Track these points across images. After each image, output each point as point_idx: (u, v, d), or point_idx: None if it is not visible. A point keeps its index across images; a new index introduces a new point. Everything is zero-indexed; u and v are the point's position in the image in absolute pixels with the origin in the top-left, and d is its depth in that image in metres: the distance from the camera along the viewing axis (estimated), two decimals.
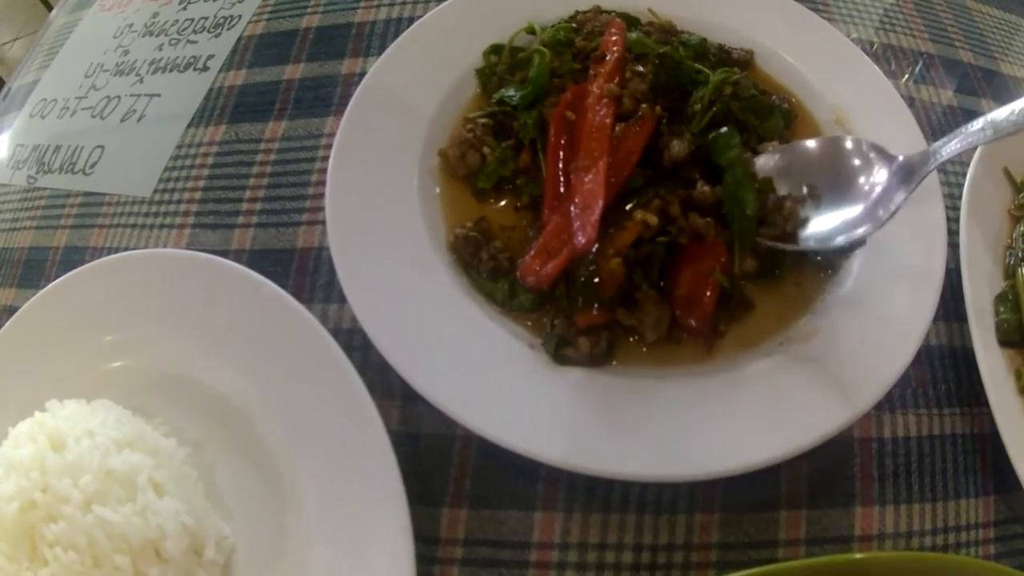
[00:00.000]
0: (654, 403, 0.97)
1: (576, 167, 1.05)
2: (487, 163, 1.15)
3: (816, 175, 1.11)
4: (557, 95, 1.14)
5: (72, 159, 1.40)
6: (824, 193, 1.09)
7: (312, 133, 1.30)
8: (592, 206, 1.00)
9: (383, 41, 1.40)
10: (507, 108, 1.19)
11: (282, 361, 1.00)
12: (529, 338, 1.03)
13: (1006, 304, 1.14)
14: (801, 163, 1.12)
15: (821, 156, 1.12)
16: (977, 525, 1.05)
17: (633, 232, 1.01)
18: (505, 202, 1.16)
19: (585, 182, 1.03)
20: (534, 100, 1.17)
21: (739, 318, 1.07)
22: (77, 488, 0.84)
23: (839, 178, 1.10)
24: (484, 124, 1.17)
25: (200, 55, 1.47)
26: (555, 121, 1.10)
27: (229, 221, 1.24)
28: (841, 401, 0.96)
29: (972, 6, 1.65)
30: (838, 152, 1.11)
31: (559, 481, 1.00)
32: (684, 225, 1.04)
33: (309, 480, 0.95)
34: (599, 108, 1.09)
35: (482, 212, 1.14)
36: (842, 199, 1.08)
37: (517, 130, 1.17)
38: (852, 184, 1.09)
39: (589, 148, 1.06)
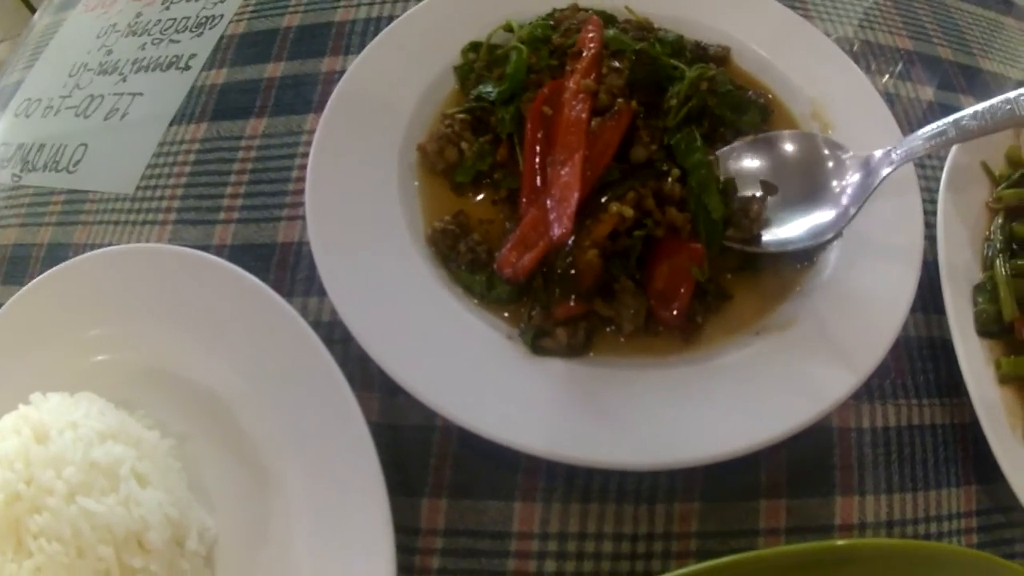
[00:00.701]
0: (632, 393, 0.99)
1: (553, 161, 1.07)
2: (465, 158, 1.16)
3: (776, 172, 1.14)
4: (534, 91, 1.15)
5: (56, 157, 1.41)
6: (784, 191, 1.12)
7: (292, 130, 1.32)
8: (568, 198, 1.01)
9: (363, 40, 1.40)
10: (485, 104, 1.20)
11: (263, 354, 1.01)
12: (507, 329, 1.04)
13: (984, 295, 1.15)
14: (762, 158, 1.15)
15: (782, 152, 1.15)
16: (959, 515, 1.06)
17: (609, 224, 1.02)
18: (483, 196, 1.17)
19: (561, 175, 1.04)
20: (511, 96, 1.18)
21: (716, 309, 1.08)
22: (61, 479, 0.84)
23: (801, 176, 1.13)
24: (462, 119, 1.18)
25: (182, 54, 1.48)
26: (532, 116, 1.11)
27: (210, 217, 1.25)
28: (819, 391, 0.97)
29: (951, 3, 1.66)
30: (799, 148, 1.15)
31: (538, 471, 1.01)
32: (660, 219, 1.05)
33: (291, 472, 0.96)
34: (576, 103, 1.10)
35: (460, 206, 1.15)
36: (803, 198, 1.12)
37: (495, 125, 1.18)
38: (813, 182, 1.12)
39: (566, 142, 1.07)
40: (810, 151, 1.14)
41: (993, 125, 0.92)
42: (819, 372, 0.99)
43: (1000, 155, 1.31)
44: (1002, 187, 1.26)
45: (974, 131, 0.94)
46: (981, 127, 0.93)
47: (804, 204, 1.11)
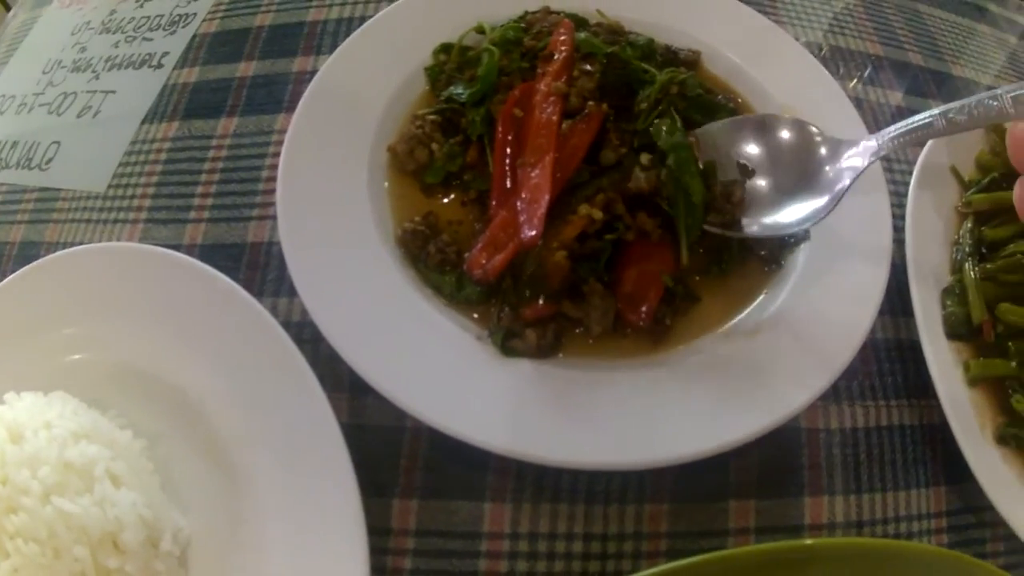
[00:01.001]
0: (601, 393, 0.99)
1: (523, 163, 1.07)
2: (435, 159, 1.16)
3: (762, 155, 1.13)
4: (505, 93, 1.16)
5: (29, 155, 1.40)
6: (769, 174, 1.11)
7: (263, 130, 1.32)
8: (539, 200, 1.01)
9: (334, 40, 1.41)
10: (455, 105, 1.20)
11: (235, 354, 1.01)
12: (477, 330, 1.04)
13: (953, 298, 1.16)
14: (739, 140, 1.14)
15: (767, 135, 1.14)
16: (929, 515, 1.07)
17: (578, 226, 1.02)
18: (453, 197, 1.17)
19: (532, 177, 1.04)
20: (482, 97, 1.18)
21: (684, 311, 1.08)
22: (36, 480, 0.84)
23: (787, 159, 1.12)
24: (433, 121, 1.18)
25: (155, 52, 1.48)
26: (503, 118, 1.12)
27: (181, 216, 1.24)
28: (787, 392, 0.97)
29: (924, 10, 1.67)
30: (785, 131, 1.13)
31: (509, 471, 1.01)
32: (631, 223, 1.05)
33: (263, 472, 0.96)
34: (546, 105, 1.10)
35: (430, 207, 1.15)
36: (788, 182, 1.10)
37: (465, 126, 1.18)
38: (799, 165, 1.10)
39: (536, 144, 1.07)
40: (796, 134, 1.13)
41: (979, 120, 0.89)
42: (787, 374, 1.00)
43: (970, 159, 1.32)
44: (972, 192, 1.27)
45: (961, 124, 0.92)
46: (968, 121, 0.91)
47: (789, 188, 1.10)
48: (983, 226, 1.24)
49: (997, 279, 1.17)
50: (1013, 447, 1.08)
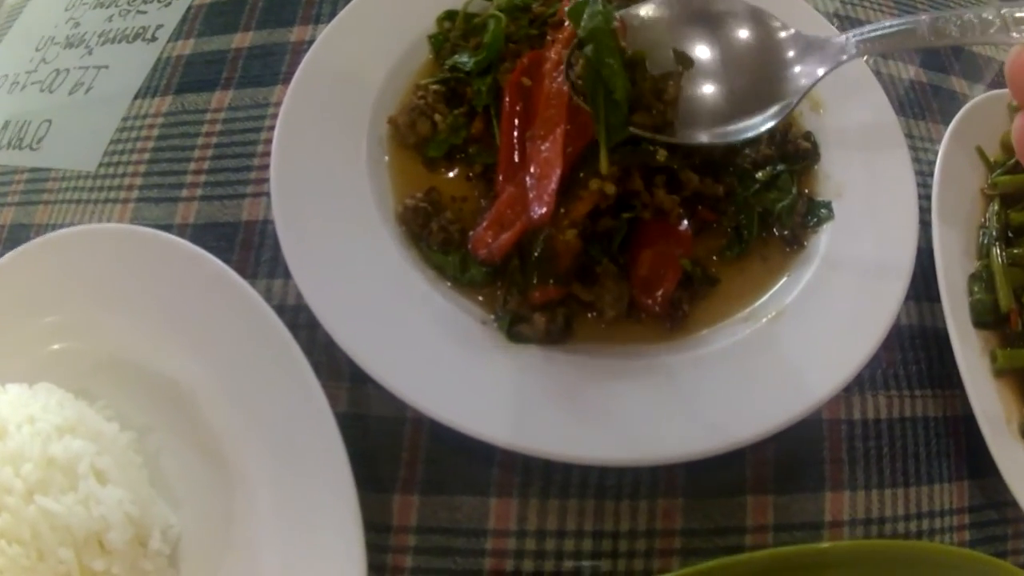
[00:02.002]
0: (613, 383, 0.95)
1: (532, 135, 1.01)
2: (438, 131, 1.12)
3: (701, 47, 1.02)
4: (512, 61, 1.12)
5: (20, 135, 1.37)
6: (715, 73, 1.00)
7: (259, 103, 1.28)
8: (549, 176, 0.95)
9: (334, 8, 1.36)
10: (460, 74, 1.16)
11: (226, 341, 0.98)
12: (481, 314, 1.01)
13: (980, 284, 1.13)
14: (681, 29, 1.02)
15: (706, 20, 1.02)
16: (951, 511, 1.04)
17: (589, 202, 0.97)
18: (456, 171, 1.14)
19: (541, 151, 0.98)
20: (488, 66, 1.14)
21: (702, 296, 1.04)
22: (19, 477, 0.82)
23: (736, 55, 1.01)
24: (436, 91, 1.15)
25: (149, 25, 1.44)
26: (510, 87, 1.07)
27: (173, 194, 1.21)
28: (808, 382, 0.94)
29: None
30: (728, 16, 1.02)
31: (515, 465, 0.98)
32: (648, 200, 1.00)
33: (256, 466, 0.93)
34: (556, 74, 1.03)
35: (432, 182, 1.12)
36: (740, 82, 1.00)
37: (470, 97, 1.15)
38: (751, 63, 1.00)
39: (546, 116, 1.01)
40: (753, 25, 1.01)
41: (972, 36, 0.76)
42: (808, 364, 0.96)
43: (995, 140, 1.27)
44: (997, 173, 1.23)
45: (951, 36, 0.79)
46: (959, 34, 0.78)
47: (742, 90, 0.99)
48: (1010, 209, 1.20)
49: (1023, 265, 1.14)
50: None
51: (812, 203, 1.13)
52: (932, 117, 1.35)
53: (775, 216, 1.10)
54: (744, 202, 1.10)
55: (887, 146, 1.14)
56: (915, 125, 1.33)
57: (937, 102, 1.38)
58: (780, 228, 1.10)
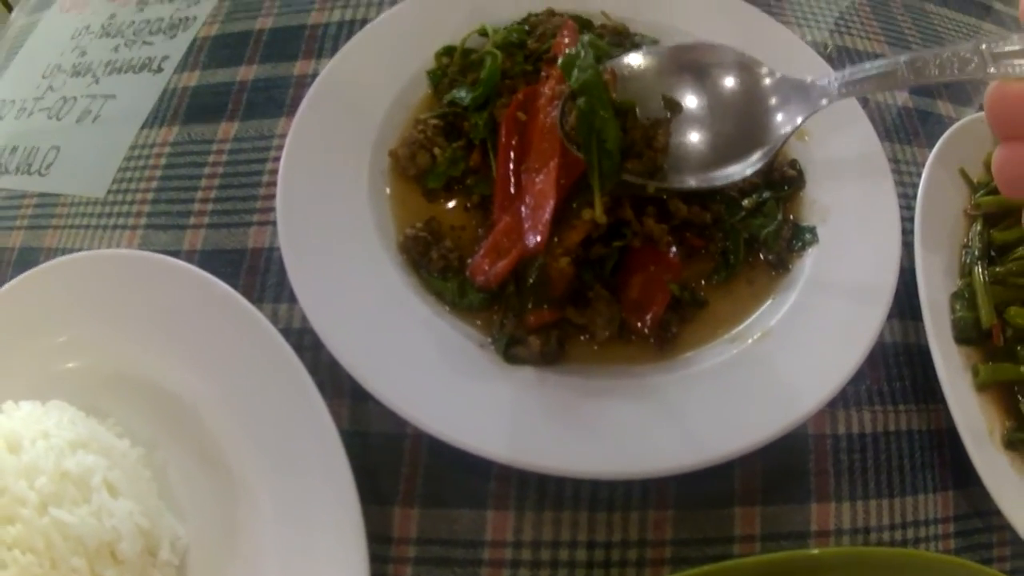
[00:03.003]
0: (606, 401, 0.99)
1: (527, 168, 1.06)
2: (437, 163, 1.17)
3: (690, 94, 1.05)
4: (508, 96, 1.16)
5: (28, 160, 1.41)
6: (702, 119, 1.04)
7: (264, 134, 1.32)
8: (543, 206, 1.00)
9: (335, 43, 1.41)
10: (458, 109, 1.20)
11: (234, 361, 1.02)
12: (479, 337, 1.05)
13: (962, 302, 1.17)
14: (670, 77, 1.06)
15: (694, 68, 1.06)
16: (936, 520, 1.08)
17: (582, 231, 1.01)
18: (455, 202, 1.18)
19: (536, 182, 1.03)
20: (485, 101, 1.18)
21: (691, 317, 1.08)
22: (33, 490, 0.85)
23: (723, 100, 1.05)
24: (435, 125, 1.19)
25: (155, 56, 1.48)
26: (506, 121, 1.11)
27: (181, 222, 1.25)
28: (793, 399, 0.98)
29: (930, 9, 1.67)
30: (715, 64, 1.05)
31: (511, 479, 1.02)
32: (638, 228, 1.04)
33: (262, 480, 0.97)
34: (551, 109, 1.08)
35: (432, 212, 1.16)
36: (727, 128, 1.03)
37: (468, 130, 1.19)
38: (738, 106, 1.04)
39: (540, 149, 1.06)
40: (740, 71, 1.05)
41: (952, 74, 0.75)
42: (793, 381, 1.00)
43: (979, 162, 1.31)
44: (981, 194, 1.27)
45: (930, 76, 0.78)
46: (939, 73, 0.77)
47: (729, 135, 1.03)
48: (992, 228, 1.24)
49: (1006, 282, 1.18)
50: (1022, 451, 1.09)
51: (797, 228, 1.17)
52: (918, 141, 1.39)
53: (761, 241, 1.14)
54: (731, 228, 1.14)
55: (871, 172, 1.18)
56: (901, 150, 1.37)
57: (925, 126, 1.41)
58: (766, 252, 1.14)
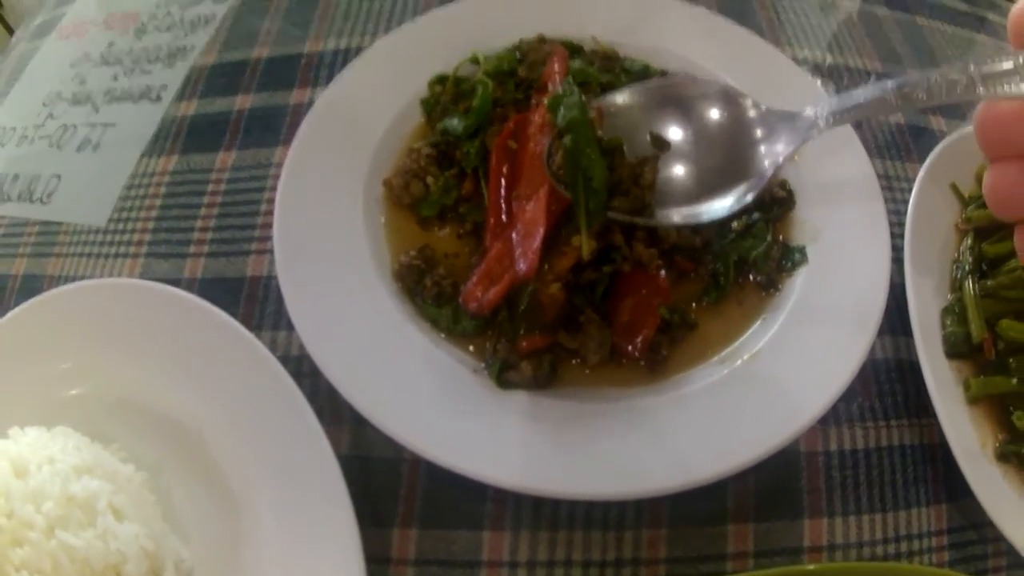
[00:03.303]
0: (598, 423, 1.01)
1: (518, 195, 1.09)
2: (431, 192, 1.19)
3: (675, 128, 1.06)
4: (500, 124, 1.19)
5: (30, 188, 1.43)
6: (688, 154, 1.05)
7: (261, 163, 1.35)
8: (533, 233, 1.02)
9: (331, 71, 1.44)
10: (450, 138, 1.22)
11: (234, 389, 1.04)
12: (473, 363, 1.07)
13: (952, 317, 1.18)
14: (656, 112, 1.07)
15: (680, 102, 1.07)
16: (930, 533, 1.09)
17: (572, 257, 1.03)
18: (448, 230, 1.21)
19: (527, 210, 1.06)
20: (477, 129, 1.21)
21: (681, 339, 1.10)
22: (40, 514, 0.87)
23: (709, 134, 1.05)
24: (428, 154, 1.21)
25: (153, 85, 1.51)
26: (497, 150, 1.15)
27: (181, 250, 1.27)
28: (783, 417, 1.00)
29: (922, 22, 1.69)
30: (701, 98, 1.07)
31: (506, 500, 1.03)
32: (628, 253, 1.07)
33: (263, 503, 0.99)
34: (541, 137, 1.10)
35: (426, 240, 1.19)
36: (713, 162, 1.04)
37: (460, 159, 1.21)
38: (725, 139, 1.04)
39: (530, 177, 1.08)
40: (725, 104, 1.06)
41: (941, 97, 0.73)
42: (784, 400, 1.02)
43: (970, 176, 1.32)
44: (971, 207, 1.29)
45: (919, 100, 0.76)
46: (928, 97, 0.75)
47: (716, 169, 1.04)
48: (983, 242, 1.25)
49: (998, 295, 1.19)
50: (1014, 463, 1.10)
51: (787, 248, 1.19)
52: (911, 158, 1.40)
53: (751, 262, 1.17)
54: (720, 250, 1.17)
55: (861, 190, 1.20)
56: (893, 166, 1.39)
57: (919, 143, 1.42)
58: (756, 273, 1.17)
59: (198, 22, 1.61)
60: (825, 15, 1.65)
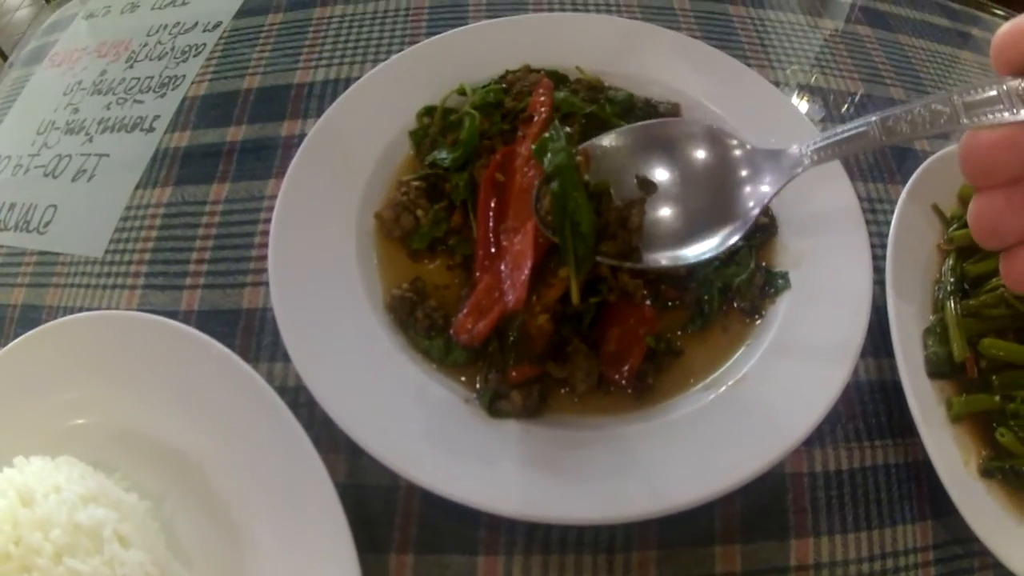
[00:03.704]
0: (587, 450, 1.04)
1: (505, 228, 1.13)
2: (421, 225, 1.23)
3: (661, 170, 1.07)
4: (487, 156, 1.22)
5: (27, 217, 1.46)
6: (674, 196, 1.05)
7: (254, 195, 1.38)
8: (521, 266, 1.05)
9: (320, 103, 1.47)
10: (439, 170, 1.26)
11: (233, 419, 1.07)
12: (464, 392, 1.10)
13: (934, 337, 1.21)
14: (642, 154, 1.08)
15: (665, 144, 1.07)
16: (915, 549, 1.11)
17: (559, 289, 1.06)
18: (439, 262, 1.24)
19: (514, 243, 1.09)
20: (465, 162, 1.24)
21: (667, 367, 1.14)
22: (48, 541, 0.88)
23: (695, 176, 1.06)
24: (417, 187, 1.25)
25: (146, 115, 1.53)
26: (485, 184, 1.18)
27: (177, 282, 1.30)
28: (767, 441, 1.02)
29: (904, 42, 1.72)
30: (686, 138, 1.07)
31: (500, 526, 1.06)
32: (614, 284, 1.10)
33: (263, 530, 1.02)
34: (527, 169, 1.14)
35: (417, 272, 1.22)
36: (699, 203, 1.04)
37: (449, 191, 1.24)
38: (711, 180, 1.04)
39: (518, 209, 1.12)
40: (710, 145, 1.06)
41: (925, 128, 0.73)
42: (768, 424, 1.05)
43: (952, 197, 1.35)
44: (953, 228, 1.31)
45: (903, 133, 0.77)
46: (911, 130, 0.75)
47: (702, 211, 1.04)
48: (965, 262, 1.27)
49: (980, 314, 1.21)
50: (998, 479, 1.12)
51: (770, 274, 1.21)
52: (893, 179, 1.44)
53: (734, 289, 1.19)
54: (705, 278, 1.20)
55: (843, 215, 1.23)
56: (876, 189, 1.42)
57: (902, 165, 1.46)
58: (740, 300, 1.19)
59: (189, 51, 1.65)
60: (807, 36, 1.68)
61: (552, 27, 1.49)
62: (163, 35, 1.72)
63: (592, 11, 1.68)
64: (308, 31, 1.65)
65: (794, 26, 1.71)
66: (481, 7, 1.68)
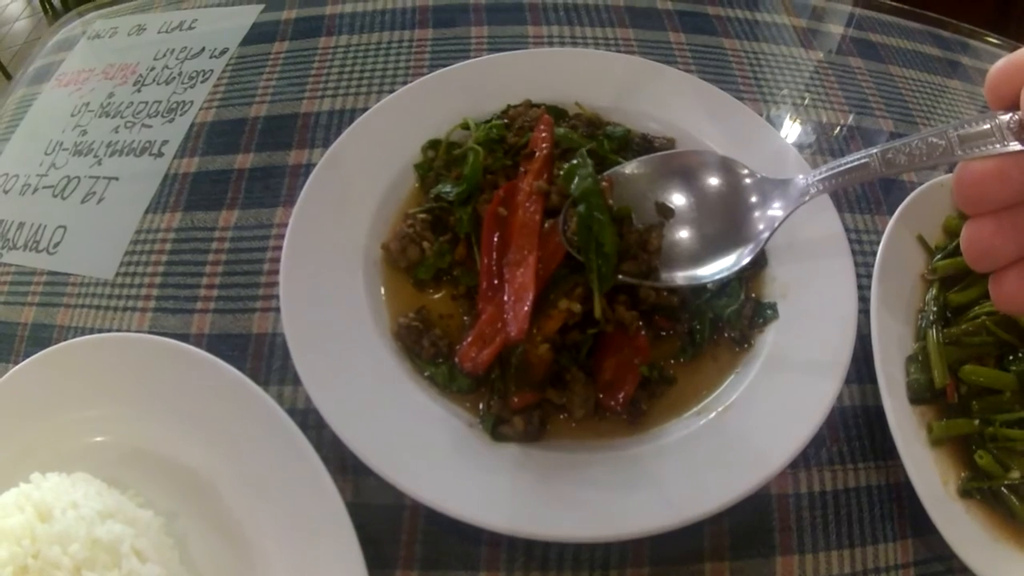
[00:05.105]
0: (584, 472, 1.10)
1: (508, 261, 1.18)
2: (426, 256, 1.29)
3: (678, 196, 1.18)
4: (490, 191, 1.28)
5: (36, 237, 1.50)
6: (690, 220, 1.16)
7: (263, 223, 1.45)
8: (523, 298, 1.11)
9: (327, 133, 1.53)
10: (444, 203, 1.32)
11: (245, 439, 1.11)
12: (468, 417, 1.16)
13: (916, 365, 1.26)
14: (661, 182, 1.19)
15: (682, 172, 1.18)
16: (897, 566, 1.17)
17: (559, 319, 1.13)
18: (443, 292, 1.30)
19: (517, 275, 1.15)
20: (468, 196, 1.30)
21: (660, 394, 1.20)
22: (67, 555, 0.92)
23: (708, 202, 1.16)
24: (423, 219, 1.31)
25: (155, 140, 1.60)
26: (488, 218, 1.24)
27: (188, 306, 1.36)
28: (755, 464, 1.08)
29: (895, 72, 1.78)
30: (707, 169, 1.17)
31: (501, 543, 1.13)
32: (611, 316, 1.16)
33: (275, 548, 1.06)
34: (529, 204, 1.21)
35: (422, 301, 1.28)
36: (713, 228, 1.15)
37: (453, 225, 1.30)
38: (723, 207, 1.15)
39: (519, 243, 1.18)
40: (723, 174, 1.16)
41: (921, 160, 0.80)
42: (755, 448, 1.11)
43: (937, 227, 1.41)
44: (938, 258, 1.37)
45: (901, 165, 0.85)
46: (909, 161, 0.83)
47: (715, 234, 1.14)
48: (949, 291, 1.33)
49: (961, 342, 1.27)
50: (977, 499, 1.18)
51: (759, 305, 1.28)
52: (879, 210, 1.51)
53: (725, 320, 1.26)
54: (697, 309, 1.26)
55: (831, 247, 1.29)
56: (863, 220, 1.48)
57: (889, 196, 1.53)
58: (729, 330, 1.26)
59: (196, 76, 1.70)
60: (799, 68, 1.74)
61: (552, 62, 1.55)
62: (170, 59, 1.76)
63: (591, 45, 1.74)
64: (314, 60, 1.71)
65: (787, 58, 1.77)
66: (483, 39, 1.74)
